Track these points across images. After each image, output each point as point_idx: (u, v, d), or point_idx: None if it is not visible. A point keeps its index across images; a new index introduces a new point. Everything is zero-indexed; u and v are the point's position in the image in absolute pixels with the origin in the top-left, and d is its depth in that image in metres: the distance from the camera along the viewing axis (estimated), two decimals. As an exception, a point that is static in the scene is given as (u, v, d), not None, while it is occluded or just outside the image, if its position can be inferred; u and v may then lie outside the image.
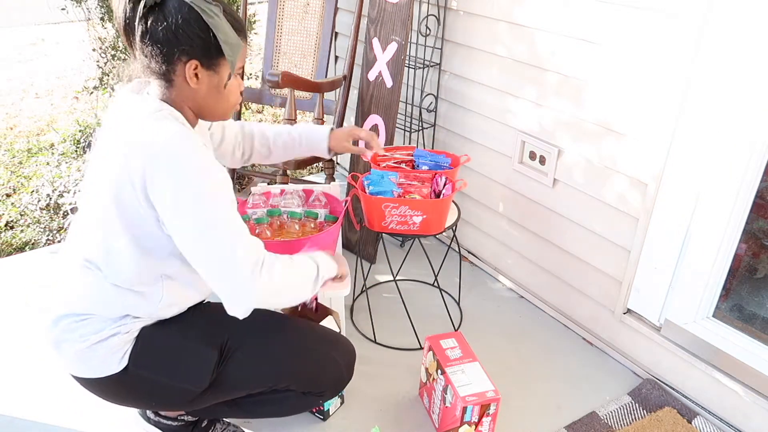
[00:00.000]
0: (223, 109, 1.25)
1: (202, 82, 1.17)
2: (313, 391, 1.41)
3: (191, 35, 1.10)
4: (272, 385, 1.36)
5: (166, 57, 1.12)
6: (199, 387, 1.29)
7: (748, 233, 1.62)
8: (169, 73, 1.14)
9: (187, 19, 1.09)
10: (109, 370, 1.23)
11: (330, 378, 1.42)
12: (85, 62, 3.68)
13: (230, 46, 1.15)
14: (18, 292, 2.14)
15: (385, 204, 1.77)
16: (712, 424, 1.69)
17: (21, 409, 1.67)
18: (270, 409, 1.46)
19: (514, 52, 2.02)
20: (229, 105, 1.25)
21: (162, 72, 1.14)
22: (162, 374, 1.26)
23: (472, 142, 2.31)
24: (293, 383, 1.37)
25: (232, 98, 1.24)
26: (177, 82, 1.16)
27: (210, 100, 1.21)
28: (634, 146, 1.73)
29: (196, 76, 1.15)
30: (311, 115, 3.07)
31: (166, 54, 1.11)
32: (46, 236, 2.59)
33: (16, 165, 3.22)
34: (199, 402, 1.33)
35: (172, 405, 1.38)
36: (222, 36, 1.13)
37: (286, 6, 2.54)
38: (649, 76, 1.65)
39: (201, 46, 1.12)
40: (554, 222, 2.05)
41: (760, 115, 1.46)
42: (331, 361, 1.40)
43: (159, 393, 1.29)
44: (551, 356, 1.98)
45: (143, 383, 1.27)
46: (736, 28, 1.43)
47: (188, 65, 1.13)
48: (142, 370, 1.25)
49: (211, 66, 1.16)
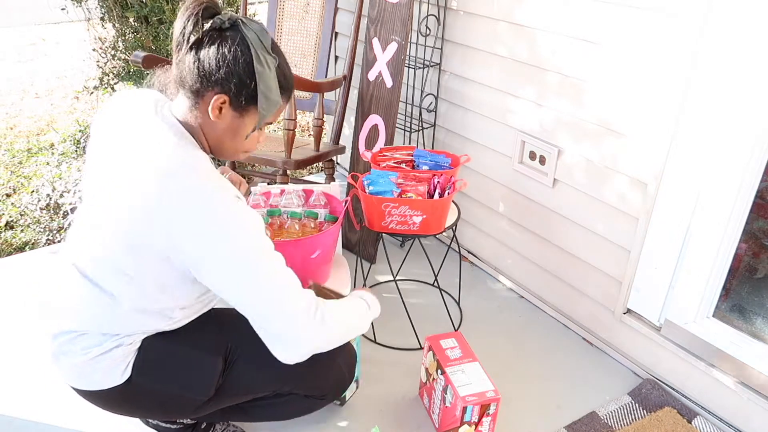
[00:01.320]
0: (233, 152, 1.22)
1: (224, 119, 1.14)
2: (316, 394, 1.41)
3: (234, 73, 1.09)
4: (276, 389, 1.35)
5: (202, 80, 1.10)
6: (205, 396, 1.28)
7: (748, 233, 1.62)
8: (198, 95, 1.13)
9: (238, 57, 1.08)
10: (111, 382, 1.21)
11: (332, 380, 1.42)
12: (85, 62, 3.69)
13: (267, 100, 1.13)
14: (18, 292, 2.14)
15: (385, 204, 1.77)
16: (712, 424, 1.69)
17: (21, 409, 1.67)
18: (273, 412, 1.45)
19: (514, 52, 2.02)
20: (241, 150, 1.22)
21: (193, 90, 1.13)
22: (167, 385, 1.25)
23: (472, 142, 2.31)
24: (297, 387, 1.37)
25: (247, 146, 1.22)
26: (201, 108, 1.14)
27: (225, 138, 1.18)
28: (634, 146, 1.73)
29: (219, 110, 1.13)
30: (311, 115, 3.07)
31: (204, 77, 1.10)
32: (46, 236, 2.59)
33: (16, 165, 3.22)
34: (204, 409, 1.32)
35: (177, 414, 1.35)
36: (263, 87, 1.11)
37: (286, 6, 2.54)
38: (649, 76, 1.65)
39: (237, 87, 1.10)
40: (554, 222, 2.05)
41: (760, 115, 1.46)
42: (333, 363, 1.41)
43: (164, 403, 1.28)
44: (551, 356, 1.98)
45: (147, 394, 1.25)
46: (736, 28, 1.43)
47: (216, 97, 1.11)
48: (146, 381, 1.23)
49: (239, 109, 1.14)
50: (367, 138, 2.42)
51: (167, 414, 1.38)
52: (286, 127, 2.10)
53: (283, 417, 1.50)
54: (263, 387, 1.35)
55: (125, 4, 3.29)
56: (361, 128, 2.45)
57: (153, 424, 1.54)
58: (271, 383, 1.34)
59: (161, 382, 1.24)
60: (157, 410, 1.32)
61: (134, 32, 3.43)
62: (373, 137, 2.40)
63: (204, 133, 1.18)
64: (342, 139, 2.94)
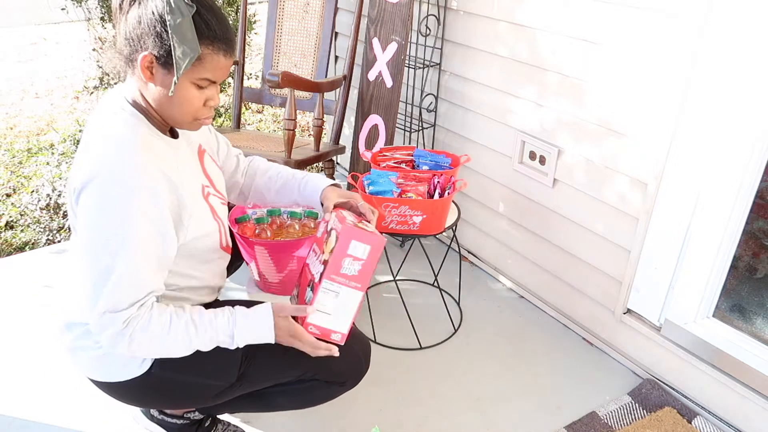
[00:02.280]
0: (179, 117, 1.16)
1: (156, 79, 1.11)
2: (337, 381, 1.40)
3: (150, 26, 1.07)
4: (299, 374, 1.34)
5: (130, 43, 1.09)
6: (227, 382, 1.28)
7: (748, 233, 1.62)
8: (131, 61, 1.12)
9: (154, 11, 1.06)
10: (130, 374, 1.22)
11: (352, 367, 1.41)
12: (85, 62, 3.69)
13: (182, 50, 1.06)
14: (18, 292, 2.14)
15: (385, 204, 1.77)
16: (712, 424, 1.69)
17: (21, 409, 1.67)
18: (294, 400, 1.43)
19: (514, 52, 2.02)
20: (184, 115, 1.15)
21: (126, 58, 1.12)
22: (189, 373, 1.24)
23: (472, 142, 2.31)
24: (319, 372, 1.35)
25: (186, 107, 1.14)
26: (137, 74, 1.13)
27: (163, 102, 1.14)
28: (634, 146, 1.73)
29: (150, 71, 1.10)
30: (311, 114, 3.07)
31: (129, 40, 1.09)
32: (46, 236, 2.59)
33: (16, 165, 3.22)
34: (225, 395, 1.32)
35: (198, 401, 1.36)
36: (177, 37, 1.05)
37: (286, 6, 2.54)
38: (649, 76, 1.65)
39: (156, 41, 1.07)
40: (554, 222, 2.05)
41: (760, 115, 1.46)
42: (351, 350, 1.39)
43: (185, 391, 1.28)
44: (551, 356, 1.98)
45: (168, 383, 1.25)
46: (736, 28, 1.43)
47: (142, 57, 1.09)
48: (167, 371, 1.22)
49: (167, 65, 1.09)
50: (367, 138, 2.42)
51: (188, 402, 1.37)
52: (286, 127, 2.10)
53: (303, 405, 1.48)
54: (286, 372, 1.33)
55: (125, 4, 3.29)
56: (361, 128, 2.45)
57: (158, 420, 1.54)
58: (294, 367, 1.33)
59: (182, 370, 1.23)
60: (178, 398, 1.32)
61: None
62: (373, 137, 2.40)
63: (150, 104, 1.16)
64: (342, 139, 2.94)
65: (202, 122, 1.19)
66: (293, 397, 1.42)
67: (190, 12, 1.07)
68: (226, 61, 1.14)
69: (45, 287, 2.17)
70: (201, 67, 1.10)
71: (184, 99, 1.13)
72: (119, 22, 1.11)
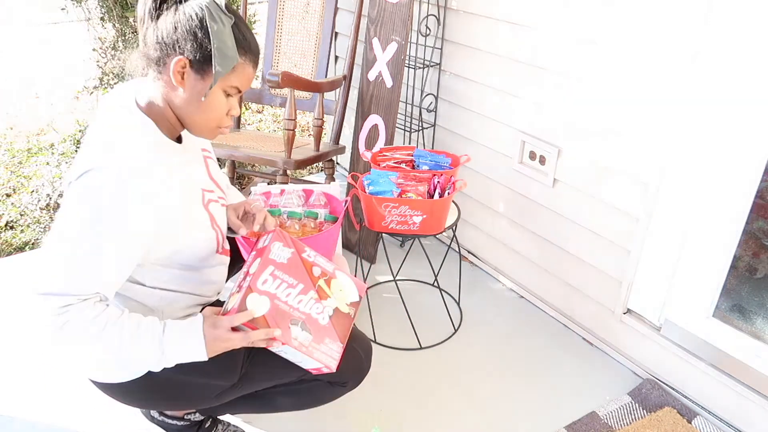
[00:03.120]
0: (202, 123, 1.19)
1: (187, 84, 1.14)
2: (339, 381, 1.40)
3: (189, 32, 1.10)
4: (301, 374, 1.33)
5: (162, 47, 1.11)
6: (229, 382, 1.28)
7: (748, 233, 1.62)
8: (160, 64, 1.13)
9: (192, 17, 1.10)
10: (132, 375, 1.22)
11: (353, 367, 1.40)
12: (85, 62, 3.69)
13: (223, 56, 1.11)
14: (18, 292, 2.14)
15: (385, 204, 1.77)
16: (712, 424, 1.69)
17: (21, 409, 1.67)
18: (296, 400, 1.43)
19: (514, 52, 2.02)
20: (209, 121, 1.18)
21: (155, 60, 1.13)
22: (191, 373, 1.23)
23: (472, 142, 2.31)
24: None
25: (212, 114, 1.17)
26: (164, 78, 1.14)
27: (190, 107, 1.16)
28: (634, 146, 1.73)
29: (181, 76, 1.13)
30: (311, 114, 3.07)
31: (162, 44, 1.11)
32: (46, 236, 2.59)
33: (16, 165, 3.22)
34: (227, 395, 1.32)
35: (200, 402, 1.35)
36: (218, 44, 1.10)
37: (286, 6, 2.54)
38: (649, 75, 1.64)
39: (194, 46, 1.10)
40: (554, 222, 2.05)
41: (761, 114, 1.46)
42: (353, 350, 1.39)
43: (187, 392, 1.28)
44: (551, 356, 1.98)
45: (170, 384, 1.25)
46: (737, 28, 1.44)
47: (176, 61, 1.11)
48: (169, 372, 1.21)
49: (200, 71, 1.13)
50: (367, 138, 2.42)
51: (190, 403, 1.36)
52: (286, 127, 2.10)
53: (304, 406, 1.48)
54: (288, 372, 1.33)
55: (125, 4, 3.29)
56: (361, 128, 2.45)
57: (158, 421, 1.53)
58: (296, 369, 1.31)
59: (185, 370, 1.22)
60: (181, 399, 1.31)
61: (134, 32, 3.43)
62: (373, 137, 2.40)
63: (172, 108, 1.17)
64: (342, 139, 2.94)
65: (221, 130, 1.23)
66: (294, 398, 1.42)
67: (230, 22, 1.12)
68: (253, 72, 1.19)
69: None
70: (233, 75, 1.15)
71: (213, 105, 1.16)
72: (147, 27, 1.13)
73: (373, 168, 1.90)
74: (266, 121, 4.17)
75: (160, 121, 1.18)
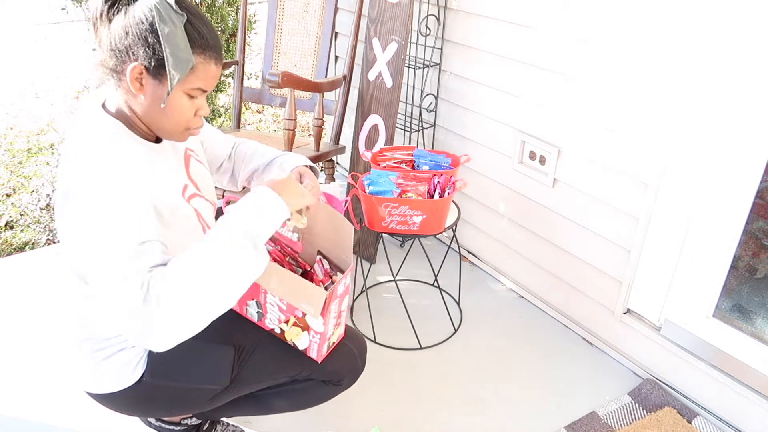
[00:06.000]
0: (170, 128, 1.13)
1: (146, 91, 1.08)
2: (333, 380, 1.40)
3: (140, 36, 1.03)
4: (294, 374, 1.33)
5: (116, 54, 1.06)
6: (221, 385, 1.27)
7: (748, 233, 1.62)
8: (117, 72, 1.08)
9: (142, 20, 1.03)
10: (122, 384, 1.21)
11: (347, 365, 1.40)
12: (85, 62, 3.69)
13: (177, 59, 1.04)
14: (18, 292, 2.14)
15: (385, 204, 1.77)
16: (712, 424, 1.69)
17: (21, 409, 1.67)
18: (291, 401, 1.43)
19: (514, 51, 2.02)
20: (176, 125, 1.12)
21: (113, 69, 1.08)
22: (181, 379, 1.23)
23: (472, 142, 2.31)
24: (314, 371, 1.34)
25: (177, 118, 1.11)
26: (123, 85, 1.10)
27: (153, 113, 1.11)
28: (634, 146, 1.73)
29: (140, 82, 1.07)
30: (311, 114, 3.07)
31: (116, 51, 1.06)
32: (46, 236, 2.59)
33: (16, 165, 3.22)
34: (220, 399, 1.31)
35: (193, 407, 1.34)
36: (170, 48, 1.03)
37: (286, 6, 2.54)
38: (649, 75, 1.64)
39: (147, 51, 1.04)
40: (554, 222, 2.05)
41: (761, 114, 1.46)
42: (346, 348, 1.39)
43: (179, 398, 1.27)
44: (551, 356, 1.98)
45: (161, 391, 1.24)
46: (737, 27, 1.43)
47: (132, 68, 1.05)
48: (159, 379, 1.22)
49: (158, 75, 1.06)
50: (367, 138, 2.42)
51: (183, 408, 1.35)
52: (286, 127, 2.10)
53: (300, 406, 1.47)
54: (280, 373, 1.33)
55: (125, 4, 3.29)
56: (361, 128, 2.45)
57: (156, 426, 1.53)
58: (289, 368, 1.32)
59: (175, 377, 1.23)
60: (173, 405, 1.31)
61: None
62: (373, 137, 2.40)
63: (137, 115, 1.13)
64: (342, 139, 2.94)
65: (192, 132, 1.16)
66: (289, 399, 1.41)
67: (181, 21, 1.05)
68: (217, 69, 1.12)
69: (45, 287, 2.17)
70: (193, 76, 1.08)
71: (176, 109, 1.10)
72: (100, 32, 1.07)
73: (373, 168, 1.90)
74: (266, 121, 4.17)
75: (132, 125, 1.14)
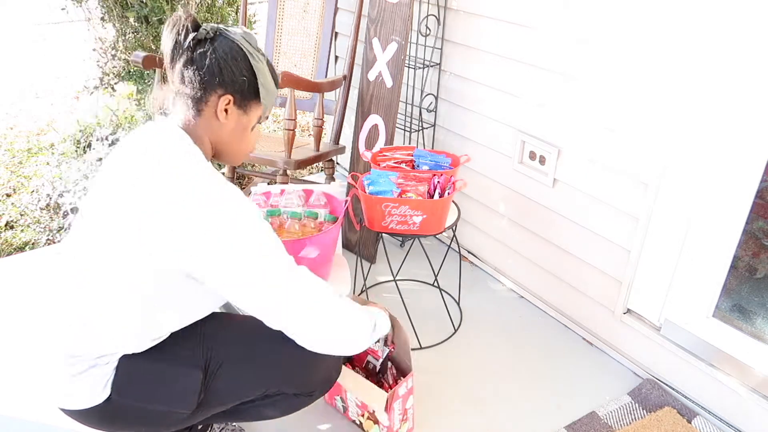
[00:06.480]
0: (241, 153, 1.28)
1: (230, 119, 1.21)
2: (304, 392, 1.40)
3: (236, 71, 1.17)
4: (264, 391, 1.34)
5: (204, 85, 1.16)
6: (188, 409, 1.26)
7: (748, 233, 1.62)
8: (201, 101, 1.18)
9: (235, 57, 1.17)
10: (93, 401, 1.21)
11: (319, 377, 1.40)
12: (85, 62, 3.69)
13: (267, 91, 1.23)
14: (18, 292, 2.14)
15: (385, 204, 1.77)
16: (712, 424, 1.69)
17: (20, 409, 1.67)
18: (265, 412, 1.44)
19: (514, 52, 2.02)
20: (246, 149, 1.29)
21: (195, 98, 1.17)
22: (147, 401, 1.23)
23: (472, 142, 2.31)
24: (284, 386, 1.35)
25: (251, 142, 1.28)
26: (206, 113, 1.19)
27: (233, 139, 1.24)
28: (634, 146, 1.73)
29: (226, 112, 1.19)
30: (311, 114, 3.07)
31: (206, 82, 1.16)
32: (46, 236, 2.59)
33: (16, 165, 3.22)
34: (191, 420, 1.31)
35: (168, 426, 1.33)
36: (262, 80, 1.21)
37: (286, 6, 2.54)
38: (649, 75, 1.65)
39: (240, 84, 1.18)
40: (554, 222, 2.05)
41: (761, 114, 1.46)
42: (318, 360, 1.38)
43: (148, 418, 1.27)
44: (551, 356, 1.98)
45: (130, 411, 1.24)
46: (737, 27, 1.43)
47: (222, 99, 1.17)
48: (126, 399, 1.22)
49: (243, 106, 1.21)
50: (367, 138, 2.42)
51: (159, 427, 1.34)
52: (286, 127, 2.10)
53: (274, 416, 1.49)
54: (250, 391, 1.33)
55: (125, 4, 3.30)
56: (361, 128, 2.45)
57: None
58: (257, 386, 1.32)
59: (141, 398, 1.23)
60: (144, 425, 1.30)
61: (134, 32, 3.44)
62: (373, 137, 2.40)
63: (209, 139, 1.23)
64: (342, 139, 2.94)
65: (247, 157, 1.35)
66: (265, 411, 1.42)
67: (265, 60, 1.23)
68: None
69: (45, 287, 2.17)
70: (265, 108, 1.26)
71: (252, 135, 1.28)
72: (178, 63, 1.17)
73: (373, 168, 1.90)
74: (266, 121, 4.17)
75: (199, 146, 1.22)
